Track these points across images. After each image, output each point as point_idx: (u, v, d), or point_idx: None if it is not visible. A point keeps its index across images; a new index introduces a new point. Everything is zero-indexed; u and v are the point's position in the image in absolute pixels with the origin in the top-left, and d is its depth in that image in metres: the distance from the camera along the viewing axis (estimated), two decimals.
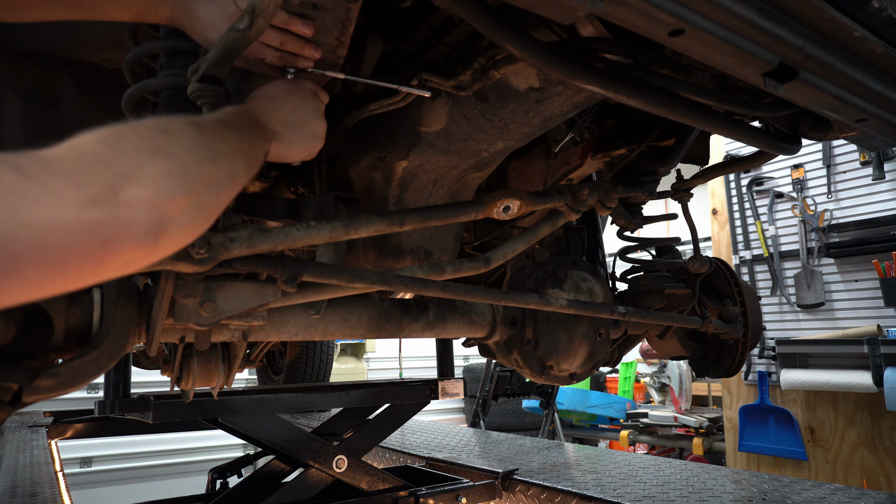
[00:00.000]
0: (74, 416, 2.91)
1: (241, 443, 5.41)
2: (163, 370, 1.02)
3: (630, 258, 1.78)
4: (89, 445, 5.36)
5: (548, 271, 1.49)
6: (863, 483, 3.62)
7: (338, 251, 1.10)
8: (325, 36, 0.80)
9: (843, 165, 3.98)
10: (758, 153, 1.49)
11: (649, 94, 0.87)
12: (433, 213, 0.98)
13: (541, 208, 1.14)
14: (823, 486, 1.80)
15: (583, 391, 5.99)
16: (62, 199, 0.44)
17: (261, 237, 0.77)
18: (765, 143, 1.09)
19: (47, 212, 0.43)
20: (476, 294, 1.13)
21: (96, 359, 0.76)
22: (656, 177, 1.55)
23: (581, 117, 1.43)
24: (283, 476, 1.98)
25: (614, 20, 0.67)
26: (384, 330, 1.23)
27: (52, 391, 0.73)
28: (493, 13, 0.75)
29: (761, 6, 0.72)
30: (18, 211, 0.41)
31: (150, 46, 0.91)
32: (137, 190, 0.50)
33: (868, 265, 3.74)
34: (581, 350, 1.52)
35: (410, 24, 1.10)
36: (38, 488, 1.81)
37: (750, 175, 4.40)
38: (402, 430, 3.02)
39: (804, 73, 0.82)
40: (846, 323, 3.85)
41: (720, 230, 4.61)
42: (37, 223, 0.42)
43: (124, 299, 0.80)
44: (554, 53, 0.78)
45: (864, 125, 0.99)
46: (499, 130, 1.10)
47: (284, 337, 1.11)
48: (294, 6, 0.76)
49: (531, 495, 1.89)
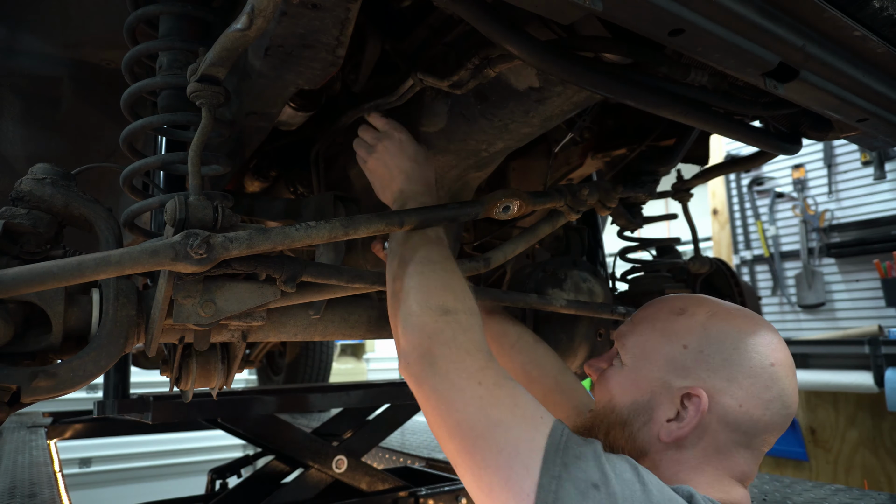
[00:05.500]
0: (73, 416, 2.91)
1: (241, 443, 5.41)
2: (162, 370, 1.02)
3: (630, 258, 1.77)
4: (88, 446, 5.36)
5: (548, 271, 1.49)
6: (864, 484, 3.62)
7: (337, 251, 1.09)
8: (324, 36, 0.80)
9: (844, 165, 3.98)
10: (758, 153, 1.49)
11: (649, 95, 0.87)
12: (433, 213, 0.98)
13: (541, 208, 1.13)
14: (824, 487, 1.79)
15: None
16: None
17: (260, 237, 0.77)
18: (765, 143, 1.08)
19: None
20: (476, 294, 1.13)
21: (95, 359, 0.76)
22: (656, 177, 1.54)
23: (581, 117, 1.43)
24: (282, 476, 1.98)
25: (614, 20, 0.67)
26: (384, 330, 1.23)
27: (50, 392, 0.73)
28: (492, 13, 0.75)
29: (761, 6, 0.72)
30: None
31: (148, 46, 0.91)
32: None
33: (869, 265, 3.74)
34: (581, 350, 1.52)
35: (410, 23, 1.09)
36: (37, 489, 1.81)
37: (750, 175, 4.40)
38: (402, 430, 3.02)
39: (805, 73, 0.82)
40: (847, 323, 3.85)
41: (720, 230, 4.61)
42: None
43: (123, 300, 0.80)
44: (553, 53, 0.77)
45: (865, 125, 0.99)
46: (498, 130, 1.10)
47: (284, 337, 1.11)
48: (294, 6, 0.76)
49: None
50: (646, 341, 0.92)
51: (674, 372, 0.87)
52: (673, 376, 0.87)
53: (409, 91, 1.04)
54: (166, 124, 0.89)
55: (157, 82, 0.89)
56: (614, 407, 0.91)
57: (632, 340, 0.94)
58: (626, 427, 0.89)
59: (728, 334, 0.87)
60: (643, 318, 0.96)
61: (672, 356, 0.88)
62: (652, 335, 0.92)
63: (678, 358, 0.88)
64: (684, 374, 0.86)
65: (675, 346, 0.88)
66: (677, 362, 0.87)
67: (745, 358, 0.85)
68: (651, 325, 0.94)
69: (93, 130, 1.49)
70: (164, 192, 0.97)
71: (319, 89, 1.06)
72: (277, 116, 1.02)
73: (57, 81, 1.33)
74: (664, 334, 0.91)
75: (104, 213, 0.84)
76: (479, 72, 0.94)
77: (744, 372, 0.84)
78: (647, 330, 0.93)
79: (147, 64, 0.97)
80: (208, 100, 0.78)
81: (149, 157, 0.91)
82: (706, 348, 0.87)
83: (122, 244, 0.83)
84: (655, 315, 0.95)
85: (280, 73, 0.86)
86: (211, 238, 0.72)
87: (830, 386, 3.52)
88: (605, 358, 1.01)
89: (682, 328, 0.90)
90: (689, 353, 0.87)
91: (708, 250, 5.31)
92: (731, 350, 0.86)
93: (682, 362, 0.87)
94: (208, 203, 0.77)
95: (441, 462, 2.31)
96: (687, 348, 0.87)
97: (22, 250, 0.78)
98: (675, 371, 0.87)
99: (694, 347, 0.87)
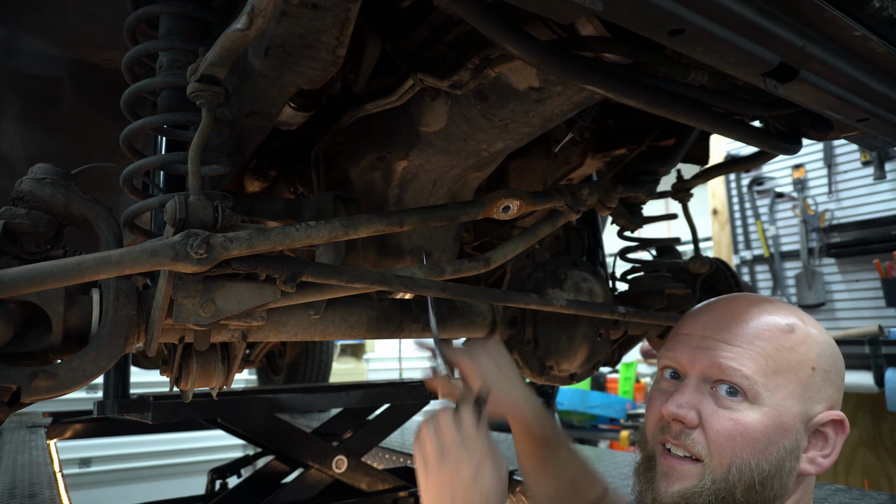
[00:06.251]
0: (73, 416, 2.91)
1: (241, 443, 5.40)
2: (162, 370, 1.02)
3: (630, 258, 1.77)
4: (88, 446, 5.35)
5: (548, 271, 1.49)
6: (864, 483, 3.62)
7: (337, 251, 1.09)
8: (324, 36, 0.80)
9: (844, 165, 3.98)
10: (758, 153, 1.49)
11: (649, 94, 0.87)
12: (433, 213, 0.98)
13: (541, 208, 1.13)
14: (824, 487, 1.79)
15: (583, 391, 5.98)
16: None
17: (260, 237, 0.77)
18: (765, 143, 1.08)
19: None
20: (476, 294, 1.13)
21: (95, 359, 0.76)
22: (656, 177, 1.54)
23: (581, 117, 1.43)
24: (282, 476, 1.97)
25: (614, 20, 0.67)
26: (384, 330, 1.23)
27: (50, 392, 0.73)
28: (492, 13, 0.75)
29: (761, 6, 0.72)
30: None
31: (148, 46, 0.91)
32: None
33: (869, 265, 3.74)
34: (581, 350, 1.52)
35: (410, 23, 1.09)
36: (37, 489, 1.81)
37: (750, 175, 4.40)
38: (402, 430, 3.02)
39: (804, 73, 0.82)
40: (847, 323, 3.84)
41: (720, 230, 4.61)
42: None
43: (123, 300, 0.80)
44: (553, 53, 0.77)
45: (865, 125, 0.99)
46: (499, 130, 1.10)
47: (284, 337, 1.11)
48: (294, 6, 0.75)
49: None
50: (775, 370, 0.78)
51: (811, 400, 0.79)
52: (812, 404, 0.79)
53: (409, 91, 1.04)
54: (166, 124, 0.89)
55: (157, 82, 0.89)
56: (758, 461, 0.76)
57: (752, 368, 0.78)
58: (774, 479, 0.77)
59: (831, 344, 0.83)
60: (749, 339, 0.80)
61: (807, 383, 0.79)
62: (779, 362, 0.79)
63: (811, 383, 0.79)
64: (818, 398, 0.80)
65: (806, 371, 0.79)
66: (812, 388, 0.79)
67: (842, 364, 0.83)
68: (771, 348, 0.79)
69: (93, 130, 1.49)
70: (164, 192, 0.97)
71: (319, 89, 1.06)
72: (277, 116, 1.02)
73: (57, 81, 1.33)
74: (791, 360, 0.79)
75: (104, 213, 0.84)
76: (479, 72, 0.94)
77: (842, 377, 0.83)
78: (771, 355, 0.79)
79: (147, 64, 0.97)
80: (208, 100, 0.78)
81: (149, 157, 0.91)
82: (829, 366, 0.81)
83: (122, 244, 0.83)
84: (767, 335, 0.80)
85: (280, 73, 0.86)
86: (211, 238, 0.72)
87: None
88: (685, 395, 0.80)
89: (804, 349, 0.80)
90: (818, 374, 0.80)
91: (708, 250, 5.31)
92: (839, 359, 0.83)
93: (814, 387, 0.80)
94: (208, 203, 0.77)
95: None
96: (815, 370, 0.80)
97: (22, 250, 0.78)
98: (811, 399, 0.79)
99: (821, 368, 0.80)
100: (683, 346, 0.85)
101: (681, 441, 0.79)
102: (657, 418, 0.85)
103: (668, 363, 0.88)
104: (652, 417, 0.87)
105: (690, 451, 0.79)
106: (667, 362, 0.88)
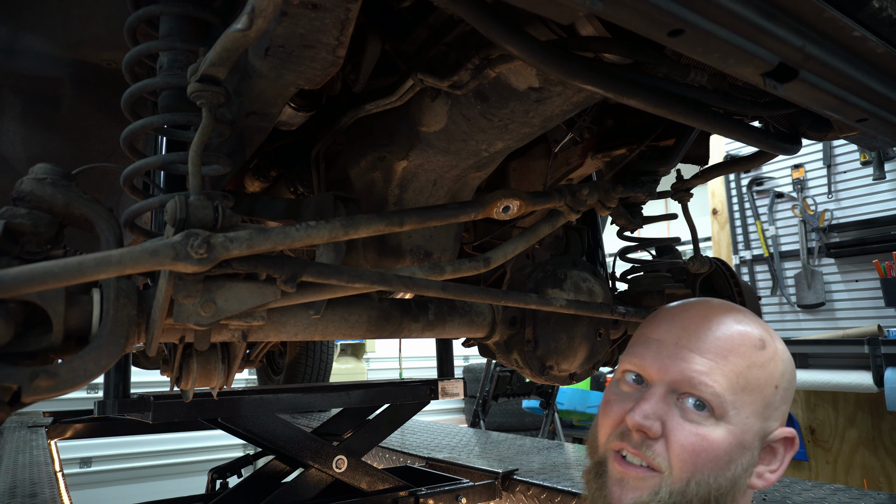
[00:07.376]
0: (74, 416, 2.91)
1: (241, 443, 5.41)
2: (162, 370, 1.02)
3: (630, 258, 1.77)
4: (89, 446, 5.36)
5: (548, 271, 1.49)
6: (863, 483, 3.62)
7: (337, 251, 1.10)
8: (324, 36, 0.80)
9: (843, 165, 3.98)
10: (758, 153, 1.49)
11: (649, 94, 0.87)
12: (433, 213, 0.98)
13: (541, 208, 1.14)
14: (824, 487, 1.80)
15: (583, 391, 5.99)
16: None
17: (260, 237, 0.77)
18: (765, 143, 1.09)
19: None
20: (476, 294, 1.13)
21: (95, 359, 0.76)
22: (656, 177, 1.55)
23: (581, 117, 1.43)
24: (282, 476, 1.97)
25: (614, 20, 0.67)
26: (384, 330, 1.23)
27: (51, 391, 0.73)
28: (492, 13, 0.75)
29: (761, 6, 0.72)
30: None
31: (149, 46, 0.91)
32: None
33: (868, 265, 3.74)
34: (581, 350, 1.52)
35: (410, 23, 1.10)
36: (38, 489, 1.81)
37: (750, 175, 4.40)
38: (402, 430, 3.02)
39: (804, 73, 0.82)
40: (846, 323, 3.85)
41: (720, 230, 4.61)
42: None
43: (123, 299, 0.80)
44: (553, 53, 0.78)
45: (865, 125, 0.99)
46: (498, 130, 1.10)
47: (284, 337, 1.11)
48: (294, 6, 0.76)
49: (531, 495, 1.89)
50: (744, 387, 0.77)
51: (770, 418, 0.79)
52: (770, 422, 0.79)
53: (409, 91, 1.04)
54: (167, 124, 0.89)
55: (158, 82, 0.89)
56: (716, 478, 0.75)
57: (723, 385, 0.76)
58: (728, 495, 0.76)
59: (791, 361, 0.82)
60: (723, 353, 0.78)
61: (769, 401, 0.79)
62: (749, 379, 0.78)
63: (772, 402, 0.79)
64: (775, 415, 0.79)
65: (770, 389, 0.79)
66: (772, 406, 0.79)
67: (796, 379, 0.83)
68: (744, 364, 0.78)
69: (93, 130, 1.49)
70: (164, 192, 0.97)
71: (319, 89, 1.06)
72: (278, 116, 1.02)
73: (57, 81, 1.33)
74: (760, 377, 0.78)
75: (105, 213, 0.84)
76: (479, 72, 0.94)
77: (793, 392, 0.83)
78: (742, 372, 0.77)
79: (147, 64, 0.97)
80: (209, 100, 0.78)
81: (149, 157, 0.92)
82: (788, 384, 0.81)
83: (122, 244, 0.83)
84: (741, 350, 0.79)
85: (280, 73, 0.86)
86: (211, 238, 0.72)
87: (830, 386, 3.52)
88: (651, 404, 0.77)
89: (772, 366, 0.80)
90: (779, 392, 0.80)
91: (708, 250, 5.31)
92: (795, 375, 0.83)
93: (774, 404, 0.79)
94: (209, 203, 0.77)
95: (441, 462, 2.31)
96: (777, 388, 0.79)
97: (22, 250, 0.78)
98: (770, 416, 0.79)
99: (782, 386, 0.80)
100: (653, 354, 0.82)
101: (641, 452, 0.77)
102: (615, 423, 0.82)
103: (632, 368, 0.85)
104: (608, 422, 0.84)
105: (650, 463, 0.77)
106: (631, 367, 0.85)
